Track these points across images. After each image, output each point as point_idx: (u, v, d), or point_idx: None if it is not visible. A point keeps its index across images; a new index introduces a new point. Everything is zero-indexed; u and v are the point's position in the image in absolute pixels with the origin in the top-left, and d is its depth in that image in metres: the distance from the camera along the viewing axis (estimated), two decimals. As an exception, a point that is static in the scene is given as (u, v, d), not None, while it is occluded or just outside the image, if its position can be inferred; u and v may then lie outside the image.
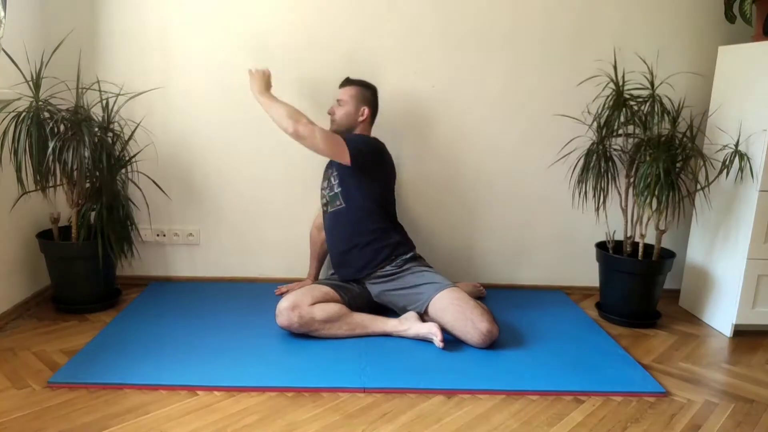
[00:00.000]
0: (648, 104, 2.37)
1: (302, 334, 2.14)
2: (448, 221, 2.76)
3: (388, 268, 2.26)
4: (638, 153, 2.39)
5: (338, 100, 2.39)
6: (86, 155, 2.17)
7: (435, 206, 2.74)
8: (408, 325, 2.16)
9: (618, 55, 2.58)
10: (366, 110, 2.37)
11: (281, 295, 2.53)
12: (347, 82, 2.42)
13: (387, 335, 2.18)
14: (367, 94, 2.40)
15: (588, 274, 2.79)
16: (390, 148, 2.60)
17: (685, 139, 2.34)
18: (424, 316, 2.19)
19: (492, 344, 2.10)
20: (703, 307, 2.56)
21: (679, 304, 2.72)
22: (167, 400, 1.76)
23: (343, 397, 1.82)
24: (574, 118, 2.62)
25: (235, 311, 2.42)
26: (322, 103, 2.61)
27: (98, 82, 2.47)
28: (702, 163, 2.36)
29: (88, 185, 2.32)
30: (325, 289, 2.21)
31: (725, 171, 2.32)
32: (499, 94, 2.66)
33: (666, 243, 2.54)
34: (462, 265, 2.78)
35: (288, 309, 2.11)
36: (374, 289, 2.30)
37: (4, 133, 2.13)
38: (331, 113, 2.40)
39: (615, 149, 2.47)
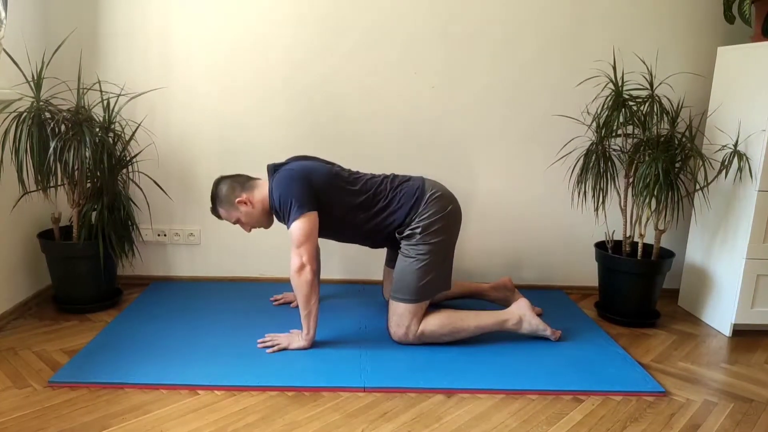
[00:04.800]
0: (647, 104, 2.37)
1: None
2: (447, 221, 2.76)
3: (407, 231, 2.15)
4: (637, 153, 2.39)
5: (235, 224, 2.20)
6: (87, 155, 2.18)
7: (435, 206, 2.74)
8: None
9: (617, 55, 2.59)
10: (245, 201, 2.10)
11: (278, 304, 2.52)
12: (215, 213, 2.21)
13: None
14: (225, 196, 2.13)
15: (587, 273, 2.80)
16: (390, 148, 2.62)
17: (684, 139, 2.35)
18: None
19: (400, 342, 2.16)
20: (702, 306, 2.56)
21: (678, 303, 2.73)
22: (168, 399, 1.77)
23: (343, 396, 1.82)
24: (573, 118, 2.63)
25: (235, 311, 2.43)
26: (322, 104, 2.62)
27: (99, 82, 2.48)
28: (701, 163, 2.36)
29: (89, 185, 2.33)
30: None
31: (724, 171, 2.33)
32: (498, 94, 2.66)
33: (665, 243, 2.55)
34: (462, 265, 2.78)
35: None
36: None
37: (5, 133, 2.14)
38: (248, 230, 2.21)
39: (614, 149, 2.48)
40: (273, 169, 2.13)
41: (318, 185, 2.06)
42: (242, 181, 2.16)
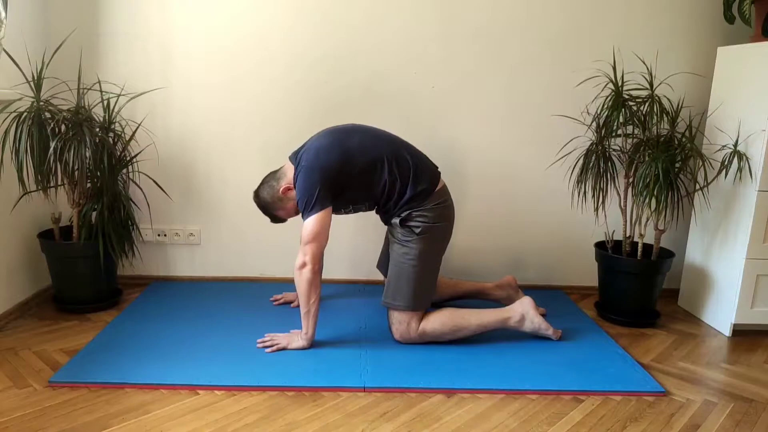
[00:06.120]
0: (647, 104, 2.37)
1: None
2: (447, 221, 2.76)
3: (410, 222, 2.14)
4: (637, 153, 2.39)
5: (297, 214, 2.17)
6: (87, 155, 2.18)
7: (435, 206, 2.74)
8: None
9: (617, 55, 2.59)
10: (288, 187, 2.12)
11: (278, 303, 2.53)
12: (276, 220, 2.24)
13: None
14: (270, 197, 2.16)
15: (587, 273, 2.80)
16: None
17: (684, 139, 2.35)
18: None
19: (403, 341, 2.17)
20: (702, 306, 2.56)
21: (678, 303, 2.73)
22: (168, 399, 1.77)
23: (343, 396, 1.83)
24: (573, 118, 2.63)
25: (235, 311, 2.43)
26: (322, 104, 2.62)
27: (99, 82, 2.48)
28: (701, 163, 2.36)
29: (89, 185, 2.33)
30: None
31: (724, 171, 2.33)
32: (498, 95, 2.66)
33: (665, 243, 2.55)
34: (462, 265, 2.79)
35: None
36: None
37: (6, 133, 2.14)
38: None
39: (614, 149, 2.47)
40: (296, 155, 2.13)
41: (331, 183, 2.03)
42: (272, 176, 2.19)
